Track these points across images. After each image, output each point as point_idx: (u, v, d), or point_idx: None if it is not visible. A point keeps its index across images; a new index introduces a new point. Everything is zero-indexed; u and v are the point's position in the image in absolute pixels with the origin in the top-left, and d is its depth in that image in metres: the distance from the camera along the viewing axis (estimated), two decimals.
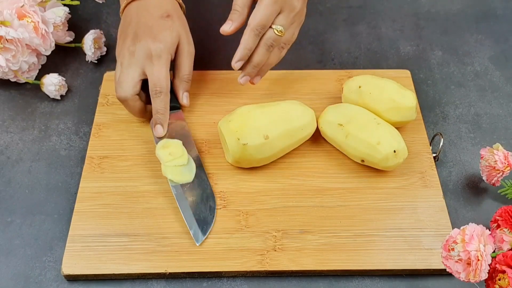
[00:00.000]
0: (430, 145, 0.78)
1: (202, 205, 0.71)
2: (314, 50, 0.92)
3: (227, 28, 0.73)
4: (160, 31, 0.75)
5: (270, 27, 0.72)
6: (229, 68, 0.74)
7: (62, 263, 0.67)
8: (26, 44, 0.81)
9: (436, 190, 0.74)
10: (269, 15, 0.71)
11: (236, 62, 0.73)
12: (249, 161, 0.73)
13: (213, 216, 0.71)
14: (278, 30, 0.72)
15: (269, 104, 0.76)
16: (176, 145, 0.75)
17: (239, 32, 0.73)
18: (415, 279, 0.68)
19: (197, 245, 0.68)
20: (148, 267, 0.67)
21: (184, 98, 0.79)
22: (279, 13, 0.72)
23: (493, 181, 0.73)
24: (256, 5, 0.72)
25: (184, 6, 0.81)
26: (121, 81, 0.75)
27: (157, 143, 0.75)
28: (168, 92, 0.76)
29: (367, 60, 0.91)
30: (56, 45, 0.86)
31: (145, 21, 0.76)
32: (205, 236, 0.69)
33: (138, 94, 0.76)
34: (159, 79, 0.74)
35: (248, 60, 0.74)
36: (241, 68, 0.75)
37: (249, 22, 0.72)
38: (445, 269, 0.59)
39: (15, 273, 0.68)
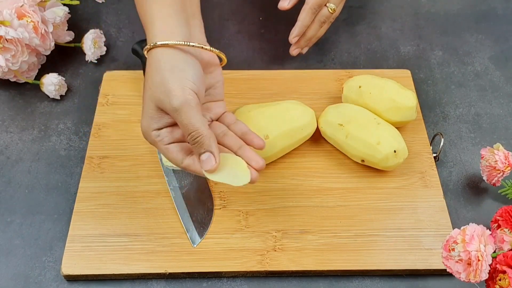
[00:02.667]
0: (431, 145, 0.78)
1: (200, 206, 0.71)
2: (314, 50, 0.92)
3: (285, 4, 0.80)
4: (141, 112, 0.63)
5: (325, 5, 0.80)
6: (229, 68, 0.74)
7: (62, 263, 0.67)
8: (25, 44, 0.81)
9: (437, 190, 0.74)
10: None
11: (294, 37, 0.81)
12: None
13: (210, 218, 0.71)
14: (332, 8, 0.80)
15: (269, 104, 0.76)
16: None
17: (236, 38, 0.73)
18: (415, 279, 0.68)
19: (194, 246, 0.68)
20: (148, 267, 0.67)
21: (202, 164, 0.60)
22: None
23: (493, 181, 0.72)
24: None
25: (209, 49, 0.64)
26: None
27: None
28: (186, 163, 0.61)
29: (367, 60, 0.91)
30: (55, 45, 0.86)
31: None
32: (202, 238, 0.69)
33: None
34: (172, 162, 0.62)
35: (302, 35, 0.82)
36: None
37: (307, 1, 0.79)
38: (446, 269, 0.59)
39: (15, 273, 0.68)
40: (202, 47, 0.62)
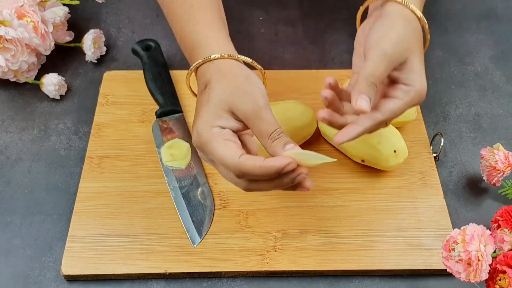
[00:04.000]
0: (431, 145, 0.78)
1: (200, 206, 0.71)
2: (314, 50, 0.92)
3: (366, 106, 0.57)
4: (197, 112, 0.60)
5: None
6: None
7: (62, 263, 0.67)
8: (25, 44, 0.81)
9: (437, 190, 0.74)
10: None
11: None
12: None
13: (211, 218, 0.71)
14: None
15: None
16: (181, 148, 0.75)
17: (236, 38, 0.73)
18: (415, 279, 0.68)
19: (194, 246, 0.68)
20: (148, 267, 0.67)
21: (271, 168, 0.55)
22: None
23: (493, 181, 0.72)
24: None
25: (260, 67, 0.65)
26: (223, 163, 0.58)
27: (158, 146, 0.76)
28: (241, 163, 0.55)
29: None
30: (55, 45, 0.86)
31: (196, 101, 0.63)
32: (202, 238, 0.69)
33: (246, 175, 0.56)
34: (225, 164, 0.56)
35: None
36: None
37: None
38: (446, 269, 0.59)
39: (14, 273, 0.68)
40: (262, 72, 0.66)
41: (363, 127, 0.58)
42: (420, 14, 0.62)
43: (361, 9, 0.68)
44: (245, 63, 0.64)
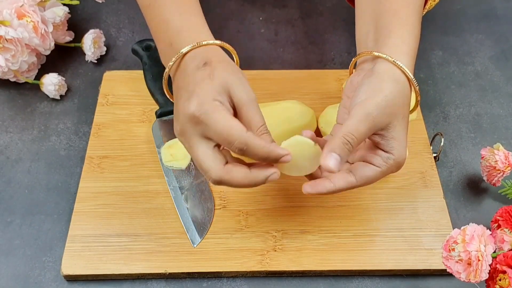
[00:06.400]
0: (431, 145, 0.78)
1: (200, 206, 0.71)
2: (314, 50, 0.92)
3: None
4: (196, 85, 0.58)
5: None
6: None
7: (62, 263, 0.67)
8: (25, 44, 0.81)
9: (437, 190, 0.74)
10: None
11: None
12: (249, 160, 0.73)
13: (211, 218, 0.71)
14: None
15: (269, 104, 0.76)
16: (181, 148, 0.75)
17: (236, 38, 0.73)
18: (415, 280, 0.68)
19: (194, 246, 0.68)
20: (148, 267, 0.67)
21: (273, 152, 0.57)
22: None
23: (493, 181, 0.72)
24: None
25: (234, 51, 0.64)
26: (200, 167, 0.58)
27: (158, 146, 0.75)
28: (250, 137, 0.56)
29: None
30: (55, 45, 0.86)
31: (182, 83, 0.60)
32: (202, 238, 0.69)
33: (228, 162, 0.58)
34: (228, 135, 0.55)
35: None
36: None
37: None
38: (446, 270, 0.59)
39: (14, 273, 0.68)
40: (235, 54, 0.65)
41: (335, 187, 0.58)
42: (410, 76, 0.59)
43: (353, 61, 0.66)
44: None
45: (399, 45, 0.60)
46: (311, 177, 0.62)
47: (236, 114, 0.58)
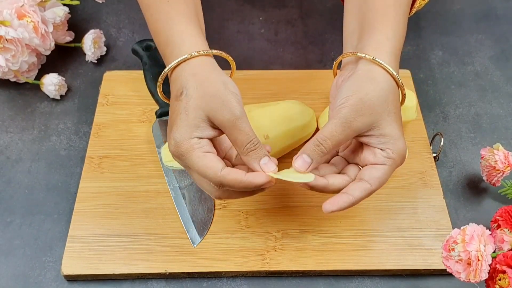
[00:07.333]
0: (430, 145, 0.78)
1: (200, 206, 0.71)
2: (314, 50, 0.92)
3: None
4: (176, 117, 0.58)
5: None
6: (229, 68, 0.74)
7: (62, 263, 0.67)
8: (25, 44, 0.81)
9: (436, 190, 0.74)
10: None
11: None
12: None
13: (211, 218, 0.71)
14: None
15: (269, 104, 0.76)
16: None
17: (236, 38, 0.73)
18: (415, 279, 0.68)
19: (194, 246, 0.68)
20: (148, 267, 0.67)
21: (264, 168, 0.58)
22: None
23: (493, 181, 0.72)
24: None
25: (230, 57, 0.65)
26: (201, 187, 0.61)
27: (158, 146, 0.76)
28: (223, 176, 0.56)
29: None
30: (55, 45, 0.86)
31: (170, 104, 0.61)
32: (202, 238, 0.69)
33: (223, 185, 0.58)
34: (205, 175, 0.57)
35: None
36: None
37: None
38: (445, 269, 0.59)
39: (15, 273, 0.68)
40: (233, 64, 0.66)
41: (354, 197, 0.58)
42: (392, 71, 0.59)
43: (336, 62, 0.66)
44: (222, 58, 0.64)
45: (382, 41, 0.60)
46: (312, 187, 0.60)
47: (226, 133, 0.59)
